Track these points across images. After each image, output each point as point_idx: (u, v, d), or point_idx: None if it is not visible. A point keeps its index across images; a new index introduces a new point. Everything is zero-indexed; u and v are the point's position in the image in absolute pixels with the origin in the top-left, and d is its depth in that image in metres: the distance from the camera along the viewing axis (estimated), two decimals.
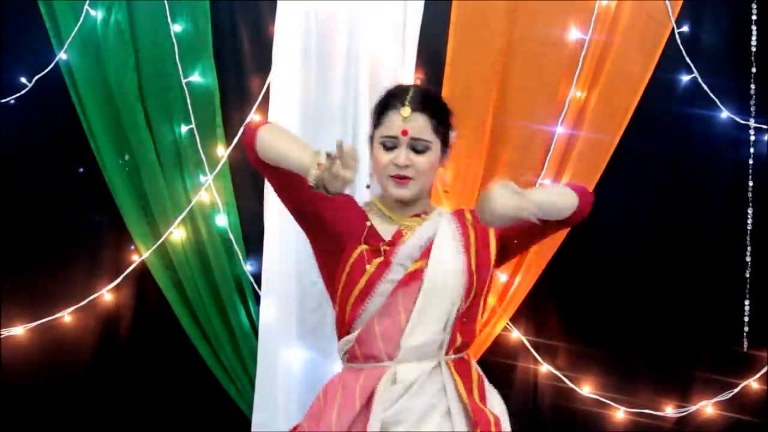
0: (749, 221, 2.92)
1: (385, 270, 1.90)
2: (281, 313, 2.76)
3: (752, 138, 2.92)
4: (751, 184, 2.92)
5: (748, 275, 2.93)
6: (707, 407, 2.95)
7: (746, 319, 2.93)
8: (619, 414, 2.93)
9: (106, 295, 2.97)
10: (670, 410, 2.95)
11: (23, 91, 2.93)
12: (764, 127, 2.91)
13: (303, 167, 1.70)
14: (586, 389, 2.95)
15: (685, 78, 2.90)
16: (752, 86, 2.91)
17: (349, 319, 1.93)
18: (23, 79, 2.93)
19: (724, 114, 2.90)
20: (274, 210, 2.77)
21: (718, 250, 2.94)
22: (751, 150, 2.92)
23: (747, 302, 2.93)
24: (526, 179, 2.84)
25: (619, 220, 2.94)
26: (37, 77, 2.91)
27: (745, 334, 2.93)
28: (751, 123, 2.91)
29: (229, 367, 2.86)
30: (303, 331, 2.78)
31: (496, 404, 2.03)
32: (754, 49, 2.90)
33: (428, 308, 1.89)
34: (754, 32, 2.90)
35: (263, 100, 2.85)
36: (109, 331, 3.01)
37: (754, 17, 2.89)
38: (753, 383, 2.94)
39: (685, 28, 2.86)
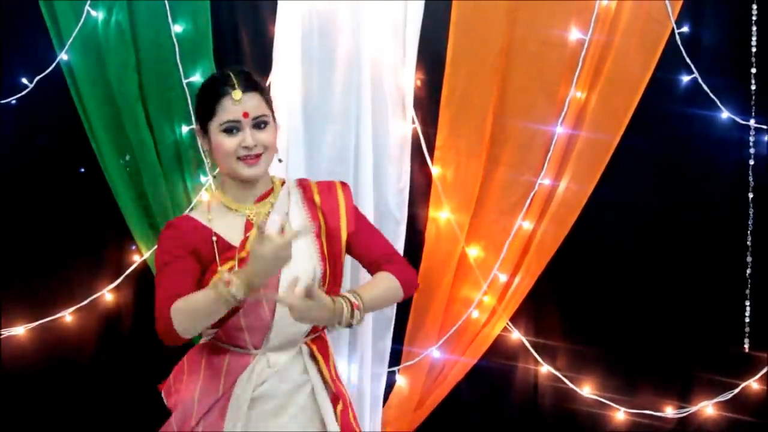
0: (750, 221, 2.92)
1: None
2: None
3: (752, 138, 2.91)
4: (751, 184, 2.92)
5: (748, 275, 2.92)
6: (707, 408, 2.95)
7: (747, 319, 2.92)
8: (619, 414, 2.94)
9: (107, 295, 2.97)
10: (670, 411, 2.95)
11: (24, 92, 2.93)
12: (764, 127, 2.91)
13: (220, 298, 1.72)
14: (586, 389, 2.95)
15: (685, 78, 2.89)
16: (752, 86, 2.90)
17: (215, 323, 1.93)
18: (24, 80, 2.93)
19: (725, 114, 2.90)
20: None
21: (719, 251, 2.94)
22: (752, 150, 2.92)
23: (748, 303, 2.92)
24: (526, 179, 2.84)
25: (619, 220, 2.94)
26: (38, 78, 2.91)
27: (746, 334, 2.92)
28: (752, 123, 2.90)
29: None
30: None
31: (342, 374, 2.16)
32: (754, 49, 2.90)
33: None
34: (754, 32, 2.90)
35: None
36: (110, 331, 3.01)
37: (754, 17, 2.89)
38: (753, 384, 2.93)
39: (685, 28, 2.86)
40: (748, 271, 2.92)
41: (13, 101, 2.93)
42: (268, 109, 2.00)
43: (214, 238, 1.97)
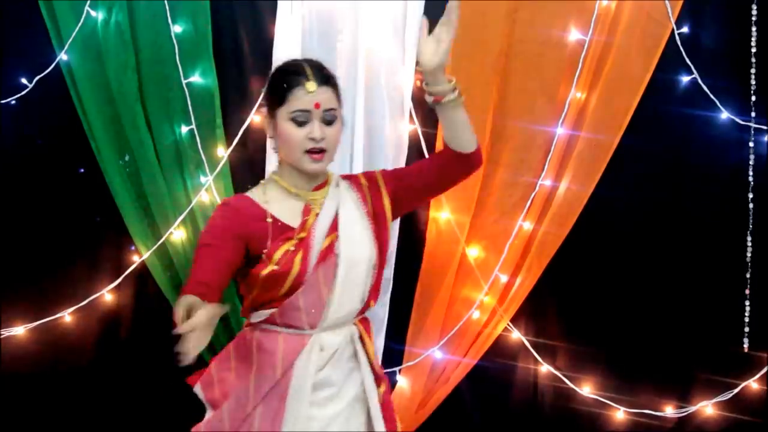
0: (750, 221, 2.92)
1: (308, 259, 1.93)
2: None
3: (752, 138, 2.92)
4: (751, 184, 2.92)
5: (748, 276, 2.93)
6: (707, 407, 2.95)
7: (747, 319, 2.93)
8: (619, 414, 2.94)
9: (107, 295, 2.97)
10: (670, 410, 2.95)
11: (24, 92, 2.93)
12: (764, 127, 2.91)
13: None
14: (586, 389, 2.95)
15: (685, 78, 2.90)
16: (752, 87, 2.91)
17: (270, 302, 1.96)
18: (24, 80, 2.93)
19: (724, 115, 2.90)
20: None
21: (719, 250, 2.94)
22: (751, 151, 2.92)
23: (747, 303, 2.93)
24: (526, 180, 2.84)
25: (619, 220, 2.94)
26: (37, 78, 2.91)
27: (746, 334, 2.93)
28: (752, 124, 2.91)
29: None
30: None
31: None
32: (754, 49, 2.90)
33: (348, 281, 1.96)
34: (754, 32, 2.90)
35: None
36: (109, 332, 3.01)
37: (754, 17, 2.89)
38: (753, 384, 2.94)
39: (685, 29, 2.87)
40: (748, 271, 2.92)
41: (13, 101, 2.93)
42: (338, 105, 2.01)
43: (269, 219, 1.96)
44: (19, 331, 2.94)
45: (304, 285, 1.92)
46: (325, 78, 1.97)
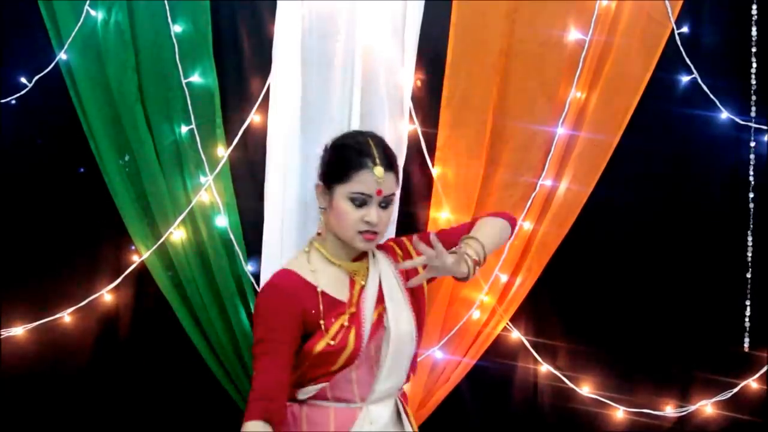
0: (750, 221, 2.92)
1: (361, 334, 1.95)
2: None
3: (752, 138, 2.92)
4: (751, 184, 2.92)
5: (749, 275, 2.93)
6: (707, 407, 2.95)
7: (747, 319, 2.93)
8: (619, 414, 2.94)
9: (106, 295, 2.96)
10: (669, 410, 2.96)
11: (23, 92, 2.93)
12: (764, 127, 2.91)
13: None
14: (586, 389, 2.95)
15: (685, 78, 2.90)
16: (752, 87, 2.91)
17: (319, 378, 1.96)
18: (23, 80, 2.93)
19: (724, 115, 2.90)
20: (275, 210, 2.77)
21: (719, 250, 2.95)
22: (752, 150, 2.92)
23: (748, 302, 2.93)
24: (526, 180, 2.84)
25: (619, 220, 2.95)
26: (37, 77, 2.91)
27: (746, 334, 2.93)
28: (752, 123, 2.91)
29: (229, 367, 2.86)
30: None
31: None
32: (754, 49, 2.90)
33: (397, 354, 1.99)
34: (754, 32, 2.90)
35: (263, 100, 2.85)
36: (109, 332, 3.01)
37: (754, 17, 2.89)
38: (752, 383, 2.94)
39: (685, 29, 2.87)
40: (749, 270, 2.93)
41: (13, 101, 2.93)
42: (397, 189, 2.00)
43: (320, 290, 1.97)
44: (19, 331, 2.94)
45: (357, 360, 1.93)
46: (390, 163, 1.96)
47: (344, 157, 1.97)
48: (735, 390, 2.95)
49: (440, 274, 1.91)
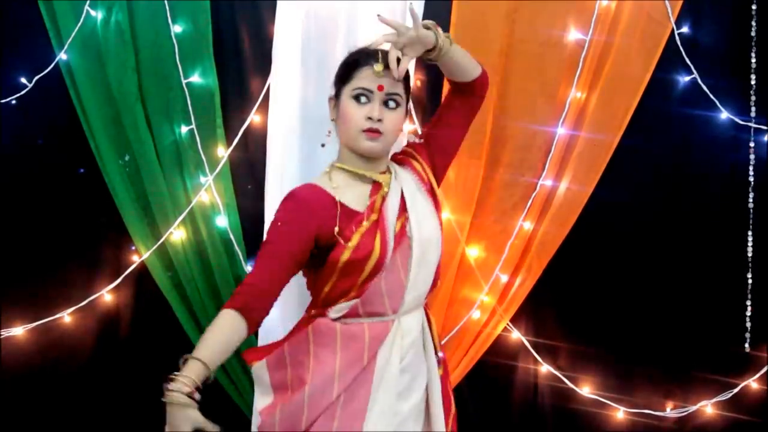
0: (750, 221, 2.92)
1: (386, 241, 1.95)
2: (282, 313, 2.75)
3: (752, 138, 2.92)
4: (751, 184, 2.92)
5: (749, 275, 2.93)
6: (707, 407, 2.95)
7: (748, 319, 2.93)
8: (619, 414, 2.94)
9: (106, 295, 2.97)
10: (670, 410, 2.95)
11: (23, 92, 2.93)
12: (764, 127, 2.91)
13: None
14: (586, 389, 2.95)
15: (685, 78, 2.90)
16: (752, 87, 2.91)
17: (349, 291, 1.96)
18: (23, 80, 2.93)
19: (724, 114, 2.90)
20: (275, 210, 2.76)
21: (719, 250, 2.94)
22: (751, 151, 2.92)
23: (748, 302, 2.93)
24: (526, 180, 2.84)
25: (619, 220, 2.94)
26: (37, 77, 2.91)
27: (747, 334, 2.93)
28: (752, 123, 2.91)
29: (229, 368, 2.86)
30: None
31: None
32: (754, 49, 2.90)
33: (422, 261, 2.00)
34: (754, 32, 2.90)
35: (263, 100, 2.85)
36: (108, 332, 3.01)
37: (754, 17, 2.89)
38: (753, 383, 2.94)
39: (685, 29, 2.87)
40: (749, 270, 2.93)
41: (13, 101, 2.93)
42: (404, 93, 2.02)
43: (338, 201, 1.99)
44: (19, 331, 2.94)
45: (384, 268, 1.93)
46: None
47: (349, 61, 2.05)
48: (735, 390, 2.95)
49: (415, 47, 1.95)
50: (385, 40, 1.95)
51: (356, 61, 2.02)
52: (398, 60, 1.95)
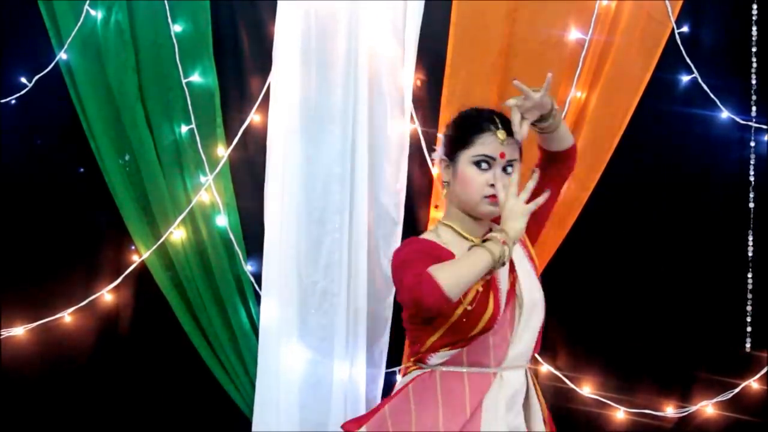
0: (750, 222, 2.92)
1: (498, 299, 1.95)
2: (282, 313, 2.76)
3: (753, 138, 2.91)
4: (752, 183, 2.92)
5: (749, 275, 2.92)
6: (707, 407, 2.95)
7: (749, 319, 2.92)
8: (619, 414, 2.93)
9: (106, 295, 2.97)
10: (670, 410, 2.95)
11: (23, 91, 2.93)
12: (765, 127, 2.91)
13: (493, 263, 1.81)
14: (586, 389, 2.95)
15: (685, 78, 2.89)
16: (753, 86, 2.90)
17: (456, 343, 1.96)
18: (23, 79, 2.93)
19: (725, 114, 2.90)
20: (275, 210, 2.77)
21: (720, 250, 2.94)
22: (752, 150, 2.92)
23: (749, 302, 2.92)
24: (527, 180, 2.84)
25: (619, 221, 2.94)
26: (37, 77, 2.92)
27: (748, 334, 2.92)
28: (752, 123, 2.90)
29: (229, 367, 2.86)
30: (304, 332, 2.77)
31: None
32: (754, 49, 2.90)
33: (528, 320, 2.00)
34: (754, 32, 2.90)
35: (263, 100, 2.85)
36: (109, 332, 3.01)
37: (754, 17, 2.89)
38: (753, 383, 2.93)
39: (685, 28, 2.86)
40: (749, 270, 2.92)
41: (13, 101, 2.94)
42: (519, 158, 2.03)
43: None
44: (19, 331, 2.94)
45: (496, 324, 1.93)
46: (512, 132, 1.98)
47: (466, 124, 2.02)
48: (736, 390, 2.94)
49: (533, 111, 1.97)
50: (515, 104, 1.95)
51: (477, 126, 1.99)
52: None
